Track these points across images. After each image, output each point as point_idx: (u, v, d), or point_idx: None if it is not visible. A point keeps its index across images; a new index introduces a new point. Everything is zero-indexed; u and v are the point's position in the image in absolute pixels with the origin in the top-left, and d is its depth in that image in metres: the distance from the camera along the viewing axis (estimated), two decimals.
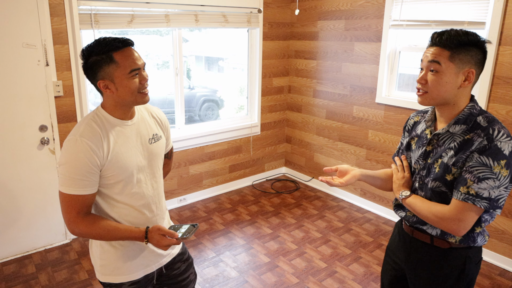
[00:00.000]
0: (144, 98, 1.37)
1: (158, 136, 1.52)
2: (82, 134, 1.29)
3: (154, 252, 1.53)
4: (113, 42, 1.28)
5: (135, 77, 1.32)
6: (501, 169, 1.18)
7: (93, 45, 1.29)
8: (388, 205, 3.60)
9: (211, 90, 5.56)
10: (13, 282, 2.63)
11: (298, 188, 4.26)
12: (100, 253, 1.46)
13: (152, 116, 1.55)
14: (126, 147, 1.38)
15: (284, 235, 3.28)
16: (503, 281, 2.70)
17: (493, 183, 1.19)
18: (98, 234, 1.34)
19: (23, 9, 2.61)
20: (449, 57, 1.23)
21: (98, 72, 1.30)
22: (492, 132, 1.22)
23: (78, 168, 1.27)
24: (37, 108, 2.80)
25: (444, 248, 1.37)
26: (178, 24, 3.36)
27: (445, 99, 1.28)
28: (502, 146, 1.19)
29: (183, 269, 1.67)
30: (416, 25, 3.12)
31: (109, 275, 1.47)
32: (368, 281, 2.69)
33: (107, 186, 1.37)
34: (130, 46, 1.32)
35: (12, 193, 2.82)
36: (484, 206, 1.21)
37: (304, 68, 4.17)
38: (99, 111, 1.38)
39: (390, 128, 3.44)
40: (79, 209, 1.31)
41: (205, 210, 3.74)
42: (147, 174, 1.46)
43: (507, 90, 2.67)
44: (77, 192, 1.29)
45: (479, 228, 1.32)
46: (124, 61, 1.29)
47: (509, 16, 2.58)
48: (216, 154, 4.01)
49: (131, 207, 1.43)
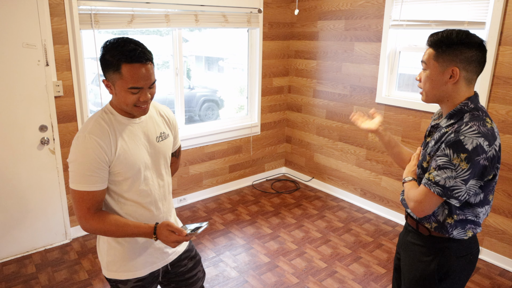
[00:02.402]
0: (139, 111, 1.36)
1: (166, 134, 1.54)
2: (90, 131, 1.31)
3: (160, 250, 1.54)
4: (128, 51, 1.26)
5: (134, 93, 1.31)
6: (461, 162, 1.23)
7: (111, 46, 1.29)
8: (388, 205, 3.60)
9: (211, 90, 5.56)
10: (13, 282, 2.63)
11: (298, 188, 4.26)
12: (107, 250, 1.48)
13: (160, 115, 1.56)
14: (133, 144, 1.40)
15: (284, 235, 3.28)
16: (503, 281, 2.70)
17: (450, 173, 1.26)
18: (109, 230, 1.35)
19: (23, 9, 2.61)
20: (434, 56, 1.33)
21: (106, 71, 1.32)
22: (464, 126, 1.27)
23: (87, 165, 1.29)
24: (37, 108, 2.80)
25: (426, 235, 1.47)
26: (178, 24, 3.36)
27: (437, 96, 1.38)
28: (465, 140, 1.23)
29: (190, 267, 1.68)
30: (416, 25, 3.12)
31: (115, 271, 1.48)
32: (368, 281, 2.69)
33: (115, 183, 1.40)
34: (141, 63, 1.28)
35: (12, 193, 2.82)
36: (438, 192, 1.29)
37: (304, 68, 4.17)
38: (108, 108, 1.40)
39: (390, 128, 3.44)
40: (90, 205, 1.33)
41: (205, 210, 3.74)
42: (153, 172, 1.48)
43: (507, 90, 2.67)
44: (87, 188, 1.31)
45: (450, 219, 1.37)
46: (128, 76, 1.28)
47: (509, 16, 2.58)
48: (216, 154, 4.01)
49: (139, 204, 1.45)
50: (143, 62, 1.29)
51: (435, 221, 1.40)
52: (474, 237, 1.43)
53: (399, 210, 3.53)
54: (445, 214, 1.37)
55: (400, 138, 3.37)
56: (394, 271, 1.73)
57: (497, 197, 2.83)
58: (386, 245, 3.14)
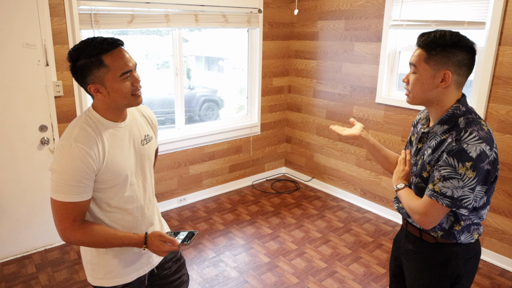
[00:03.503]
0: (137, 100, 1.33)
1: (150, 136, 1.50)
2: (76, 139, 1.24)
3: (146, 254, 1.52)
4: (102, 44, 1.22)
5: (126, 80, 1.27)
6: (467, 170, 1.20)
7: (81, 47, 1.23)
8: (388, 205, 3.60)
9: (211, 90, 5.56)
10: (13, 282, 2.63)
11: (298, 188, 4.26)
12: (90, 257, 1.43)
13: (143, 116, 1.53)
14: (120, 150, 1.35)
15: (284, 235, 3.28)
16: (503, 281, 2.70)
17: (457, 183, 1.22)
18: (96, 242, 1.30)
19: (23, 9, 2.61)
20: (425, 58, 1.27)
21: (88, 76, 1.25)
22: (464, 133, 1.24)
23: (74, 175, 1.22)
24: (37, 108, 2.80)
25: (431, 243, 1.42)
26: (178, 24, 3.36)
27: (425, 99, 1.33)
28: (468, 148, 1.20)
29: (175, 270, 1.65)
30: (416, 25, 3.12)
31: (101, 278, 1.44)
32: (368, 281, 2.69)
33: (101, 191, 1.34)
34: (120, 46, 1.27)
35: (12, 193, 2.82)
36: (446, 204, 1.25)
37: (304, 68, 4.17)
38: (91, 113, 1.33)
39: (390, 128, 3.44)
40: (75, 217, 1.26)
41: (205, 210, 3.74)
42: (139, 177, 1.44)
43: (507, 90, 2.67)
44: (73, 199, 1.24)
45: (458, 226, 1.34)
46: (114, 64, 1.24)
47: (509, 16, 2.58)
48: (216, 154, 4.01)
49: (124, 210, 1.40)
50: (120, 46, 1.27)
51: (440, 229, 1.37)
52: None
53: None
54: (451, 221, 1.34)
55: (400, 138, 3.37)
56: (393, 277, 1.68)
57: (497, 197, 2.83)
58: (386, 245, 3.14)
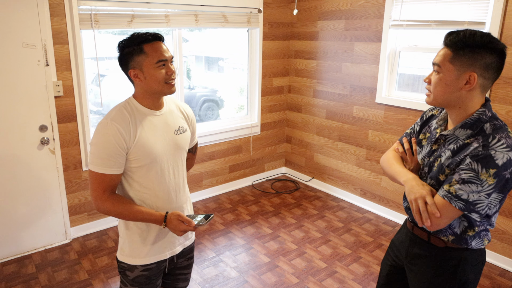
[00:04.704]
0: (171, 88, 1.47)
1: (184, 128, 1.61)
2: (113, 118, 1.41)
3: (168, 239, 1.59)
4: (145, 35, 1.42)
5: (161, 67, 1.43)
6: (489, 177, 1.17)
7: (127, 38, 1.43)
8: (388, 205, 3.60)
9: (211, 90, 5.57)
10: (13, 282, 2.63)
11: (298, 188, 4.26)
12: (121, 232, 1.57)
13: (180, 110, 1.64)
14: (152, 134, 1.48)
15: (284, 235, 3.28)
16: (503, 281, 2.70)
17: (475, 187, 1.19)
18: (121, 213, 1.44)
19: (23, 9, 2.60)
20: (451, 58, 1.22)
21: (129, 62, 1.43)
22: (492, 140, 1.19)
23: (106, 149, 1.38)
24: (37, 108, 2.80)
25: (440, 247, 1.38)
26: (178, 24, 3.36)
27: (448, 101, 1.27)
28: (496, 155, 1.16)
29: (185, 265, 1.73)
30: (416, 25, 3.12)
31: (125, 255, 1.55)
32: (368, 281, 2.69)
33: (132, 170, 1.47)
34: (159, 40, 1.45)
35: (12, 193, 2.82)
36: (460, 207, 1.21)
37: (304, 68, 4.17)
38: (131, 100, 1.50)
39: (390, 128, 3.44)
40: (105, 188, 1.42)
41: (205, 210, 3.74)
42: (170, 163, 1.54)
43: (507, 90, 2.67)
44: (104, 171, 1.40)
45: (471, 231, 1.31)
46: (152, 52, 1.41)
47: (509, 16, 2.58)
48: (216, 154, 4.01)
49: (153, 192, 1.51)
50: (160, 41, 1.46)
51: (451, 233, 1.34)
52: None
53: (399, 210, 3.52)
54: (464, 226, 1.31)
55: (398, 138, 3.36)
56: (385, 278, 1.62)
57: None
58: (386, 245, 3.14)
